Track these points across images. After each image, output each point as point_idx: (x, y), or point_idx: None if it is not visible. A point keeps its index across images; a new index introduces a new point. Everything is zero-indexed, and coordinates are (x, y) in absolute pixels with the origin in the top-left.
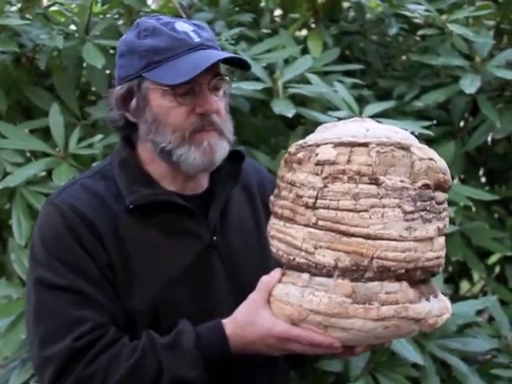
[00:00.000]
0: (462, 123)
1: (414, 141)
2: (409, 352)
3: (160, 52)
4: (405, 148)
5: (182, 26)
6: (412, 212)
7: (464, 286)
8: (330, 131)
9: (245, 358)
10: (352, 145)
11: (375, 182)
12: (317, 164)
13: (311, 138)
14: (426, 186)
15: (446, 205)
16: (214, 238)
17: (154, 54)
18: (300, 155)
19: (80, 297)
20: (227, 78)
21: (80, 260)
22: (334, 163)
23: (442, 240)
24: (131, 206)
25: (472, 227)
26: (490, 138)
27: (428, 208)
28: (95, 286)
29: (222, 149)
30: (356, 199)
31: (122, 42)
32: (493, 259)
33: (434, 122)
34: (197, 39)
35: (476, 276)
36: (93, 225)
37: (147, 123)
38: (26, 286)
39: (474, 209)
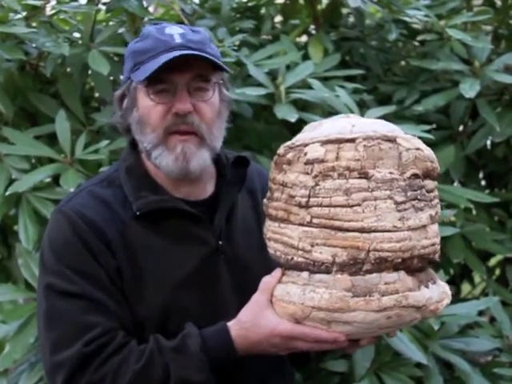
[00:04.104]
0: (461, 127)
1: (399, 132)
2: (412, 352)
3: (143, 53)
4: (391, 140)
5: (172, 29)
6: (403, 202)
7: (465, 288)
8: (317, 130)
9: (251, 361)
10: (339, 141)
11: (365, 176)
12: (306, 163)
13: (299, 138)
14: (415, 176)
15: (436, 192)
16: (220, 242)
17: (138, 55)
18: (289, 156)
19: (89, 303)
20: (215, 81)
21: (89, 266)
22: (323, 161)
23: (435, 227)
24: (138, 213)
25: (473, 229)
26: (489, 142)
27: (419, 197)
28: (104, 292)
29: (200, 157)
30: (348, 194)
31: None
32: (493, 261)
33: (434, 126)
34: (178, 40)
35: (477, 278)
36: (100, 231)
37: (134, 123)
38: (37, 292)
39: (474, 211)
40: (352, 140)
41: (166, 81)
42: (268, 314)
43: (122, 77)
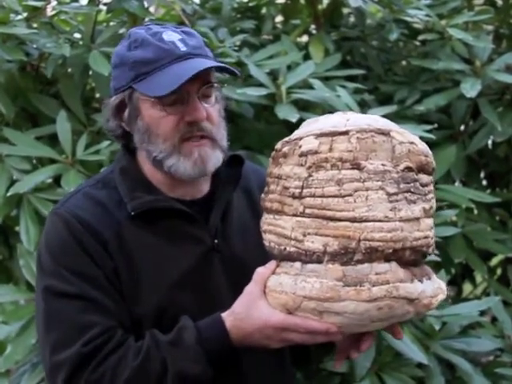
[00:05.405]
0: (462, 127)
1: (394, 126)
2: (413, 352)
3: (147, 63)
4: (385, 133)
5: (170, 35)
6: (395, 193)
7: (467, 288)
8: (313, 125)
9: (251, 360)
10: (333, 134)
11: (357, 166)
12: (300, 155)
13: (295, 133)
14: (409, 169)
15: (431, 187)
16: (216, 241)
17: (142, 66)
18: (285, 149)
19: (87, 303)
20: (217, 84)
21: (86, 267)
22: (316, 152)
23: (429, 221)
24: (133, 213)
25: (474, 229)
26: (490, 141)
27: (412, 190)
28: (102, 291)
29: (215, 158)
30: (340, 185)
31: (114, 53)
32: (495, 261)
33: (435, 125)
34: (183, 48)
35: (478, 278)
36: (96, 232)
37: (140, 133)
38: (35, 294)
39: (475, 211)
40: (345, 132)
41: (176, 91)
42: (261, 305)
43: (113, 83)
